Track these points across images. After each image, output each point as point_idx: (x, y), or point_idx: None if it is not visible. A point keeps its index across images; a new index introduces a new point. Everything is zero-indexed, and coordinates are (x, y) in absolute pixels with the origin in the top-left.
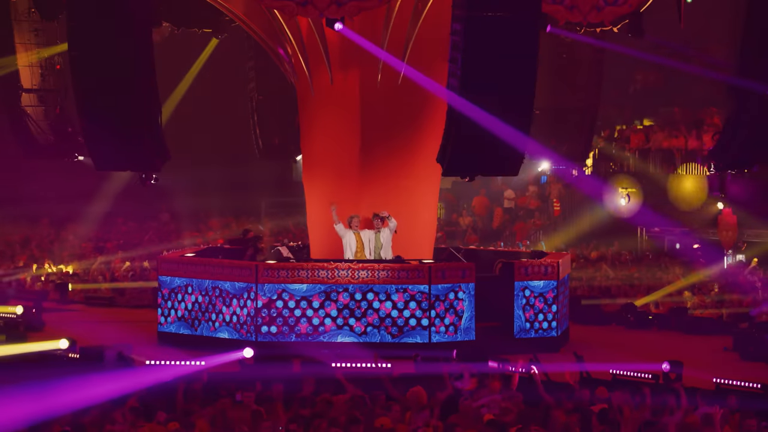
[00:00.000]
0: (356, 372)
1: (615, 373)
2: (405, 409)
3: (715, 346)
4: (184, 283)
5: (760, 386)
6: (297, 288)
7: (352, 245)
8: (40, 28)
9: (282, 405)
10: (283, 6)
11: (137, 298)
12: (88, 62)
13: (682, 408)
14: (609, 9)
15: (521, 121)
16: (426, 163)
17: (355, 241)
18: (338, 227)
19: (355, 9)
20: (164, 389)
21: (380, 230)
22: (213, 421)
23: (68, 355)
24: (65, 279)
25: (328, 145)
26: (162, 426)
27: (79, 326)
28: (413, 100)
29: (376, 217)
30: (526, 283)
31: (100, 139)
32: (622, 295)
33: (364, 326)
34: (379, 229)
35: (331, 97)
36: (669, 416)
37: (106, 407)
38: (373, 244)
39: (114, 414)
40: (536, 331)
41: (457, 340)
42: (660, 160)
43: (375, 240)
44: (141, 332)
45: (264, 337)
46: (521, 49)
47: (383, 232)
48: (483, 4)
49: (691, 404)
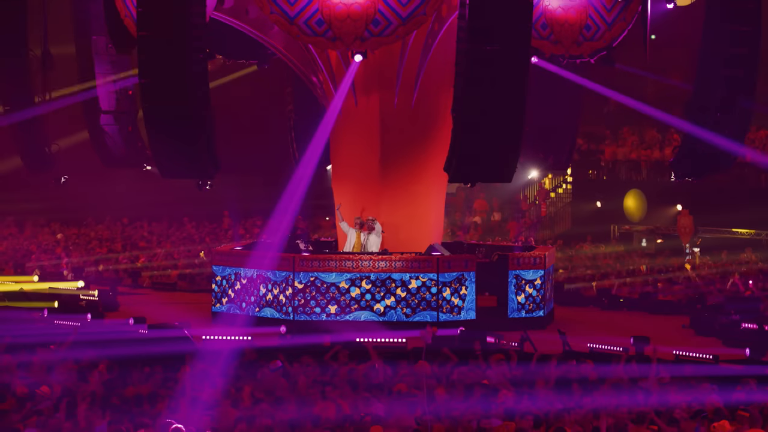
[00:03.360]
0: (376, 345)
1: (591, 346)
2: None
3: (675, 324)
4: (234, 271)
5: (711, 357)
6: (327, 276)
7: (352, 241)
8: (115, 60)
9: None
10: (316, 41)
11: (195, 283)
12: (154, 89)
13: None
14: (587, 44)
15: (514, 137)
16: (435, 172)
17: (356, 238)
18: (342, 225)
19: (376, 44)
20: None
21: (370, 234)
22: (257, 386)
23: (138, 331)
24: (137, 268)
25: (353, 157)
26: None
27: (147, 307)
28: (424, 119)
29: (367, 221)
30: (518, 271)
31: (164, 152)
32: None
33: (383, 307)
34: (370, 232)
35: (356, 117)
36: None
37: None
38: (366, 242)
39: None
40: (526, 311)
41: (461, 319)
42: (627, 169)
43: (367, 239)
44: (198, 312)
45: (299, 316)
46: (514, 77)
47: (372, 236)
48: (482, 40)
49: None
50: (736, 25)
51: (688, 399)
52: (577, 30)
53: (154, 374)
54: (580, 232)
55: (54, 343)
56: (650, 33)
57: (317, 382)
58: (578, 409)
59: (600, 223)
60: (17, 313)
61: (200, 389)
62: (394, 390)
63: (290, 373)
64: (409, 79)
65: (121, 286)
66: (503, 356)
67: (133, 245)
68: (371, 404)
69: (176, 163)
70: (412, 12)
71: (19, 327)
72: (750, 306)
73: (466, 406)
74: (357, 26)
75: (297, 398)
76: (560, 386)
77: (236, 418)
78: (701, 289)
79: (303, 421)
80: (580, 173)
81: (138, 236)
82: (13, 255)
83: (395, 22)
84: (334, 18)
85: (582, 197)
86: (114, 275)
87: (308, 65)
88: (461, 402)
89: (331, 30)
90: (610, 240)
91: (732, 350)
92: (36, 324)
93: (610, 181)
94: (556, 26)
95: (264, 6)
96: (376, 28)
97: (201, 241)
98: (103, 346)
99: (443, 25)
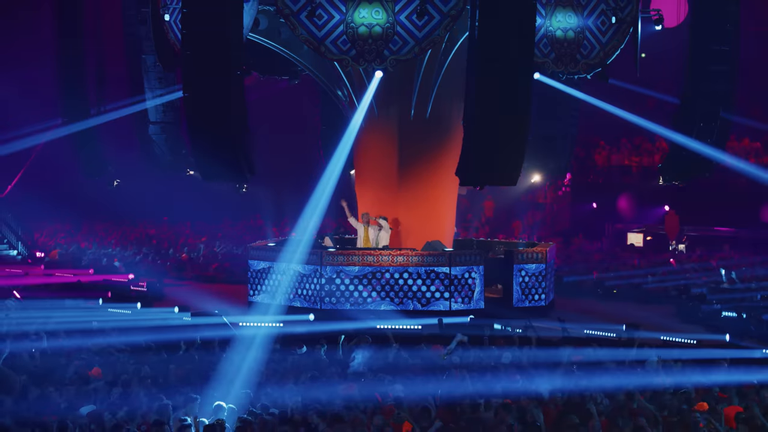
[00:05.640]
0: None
1: (588, 332)
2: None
3: (662, 313)
4: (267, 265)
5: (694, 342)
6: (350, 269)
7: (361, 235)
8: (162, 76)
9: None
10: (341, 59)
11: (233, 276)
12: (197, 102)
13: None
14: (584, 62)
15: (519, 144)
16: (447, 176)
17: (364, 232)
18: (351, 220)
19: (394, 62)
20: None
21: (380, 229)
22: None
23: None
24: (181, 261)
25: (374, 162)
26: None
27: (190, 297)
28: (438, 129)
29: (373, 219)
30: (522, 265)
31: (205, 158)
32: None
33: (401, 298)
34: (380, 229)
35: (377, 127)
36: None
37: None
38: (374, 237)
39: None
40: (530, 301)
41: (471, 308)
42: (620, 173)
43: (376, 235)
44: (236, 301)
45: (326, 305)
46: (518, 91)
47: (382, 232)
48: (490, 58)
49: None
50: (718, 45)
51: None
52: (575, 50)
53: (196, 357)
54: (577, 230)
55: (108, 329)
56: (640, 52)
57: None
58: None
59: (595, 221)
60: (75, 302)
61: (238, 371)
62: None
63: (316, 357)
64: (425, 92)
65: (166, 278)
66: (509, 341)
67: (178, 241)
68: (390, 385)
69: (216, 168)
70: (427, 33)
71: (77, 314)
72: (730, 296)
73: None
74: (378, 46)
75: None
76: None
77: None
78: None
79: (331, 399)
80: (578, 177)
81: (182, 233)
82: (71, 251)
83: (412, 42)
84: (357, 38)
85: (580, 198)
86: (160, 268)
87: (334, 81)
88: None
89: (355, 49)
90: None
91: (714, 336)
92: (92, 312)
93: (605, 184)
94: (556, 46)
95: (295, 28)
96: (395, 48)
97: (238, 239)
98: (151, 332)
99: (455, 44)
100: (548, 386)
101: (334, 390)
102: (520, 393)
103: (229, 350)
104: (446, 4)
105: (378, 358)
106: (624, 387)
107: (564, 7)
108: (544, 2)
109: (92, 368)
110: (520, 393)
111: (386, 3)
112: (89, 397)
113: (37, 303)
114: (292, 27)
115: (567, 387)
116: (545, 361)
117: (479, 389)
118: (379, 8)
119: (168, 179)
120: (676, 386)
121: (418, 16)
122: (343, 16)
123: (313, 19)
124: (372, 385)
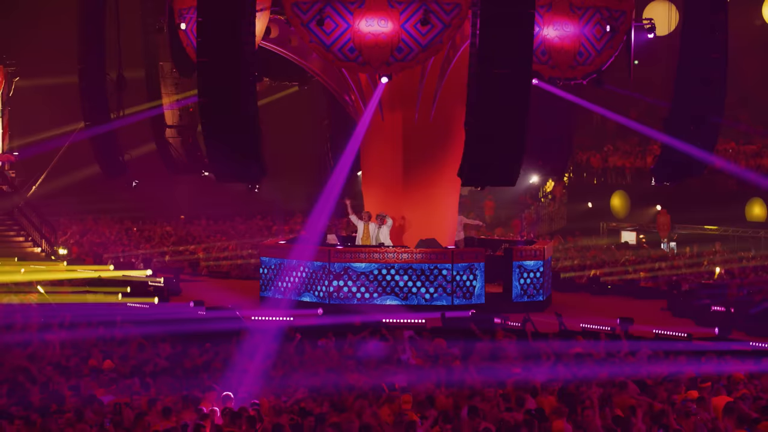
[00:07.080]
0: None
1: (583, 326)
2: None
3: (655, 307)
4: (278, 261)
5: (686, 335)
6: (358, 266)
7: (360, 232)
8: (178, 82)
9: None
10: (348, 66)
11: (246, 272)
12: (211, 106)
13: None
14: (580, 68)
15: (518, 147)
16: (449, 177)
17: (364, 230)
18: (352, 218)
19: (399, 68)
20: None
21: (382, 226)
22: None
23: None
24: (196, 258)
25: (380, 164)
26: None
27: (204, 292)
28: (441, 132)
29: (378, 217)
30: (521, 262)
31: (219, 160)
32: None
33: (405, 293)
34: (381, 225)
35: (382, 130)
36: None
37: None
38: (375, 235)
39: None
40: (528, 296)
41: (472, 303)
42: (614, 174)
43: (377, 232)
44: (248, 296)
45: (334, 300)
46: (517, 96)
47: (383, 228)
48: (490, 64)
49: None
50: (708, 52)
51: (665, 370)
52: (572, 56)
53: (210, 349)
54: (574, 228)
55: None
56: (634, 58)
57: (349, 357)
58: (572, 379)
59: (591, 220)
60: (96, 296)
61: (250, 362)
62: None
63: (326, 349)
64: (428, 97)
65: (182, 274)
66: (508, 334)
67: (193, 239)
68: (395, 375)
69: (229, 169)
70: (430, 41)
71: (97, 308)
72: (718, 291)
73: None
74: (383, 53)
75: (333, 370)
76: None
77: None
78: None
79: (339, 388)
80: (575, 178)
81: (197, 232)
82: (92, 248)
83: (416, 49)
84: (363, 46)
85: (576, 198)
86: (177, 265)
87: (342, 86)
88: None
89: (362, 56)
90: (600, 235)
91: (703, 329)
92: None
93: (600, 185)
94: (553, 53)
95: (304, 36)
96: (400, 54)
97: (251, 237)
98: (168, 324)
99: (457, 51)
100: (545, 377)
101: (342, 379)
102: (519, 382)
103: (242, 342)
104: (448, 14)
105: (382, 350)
106: (617, 377)
107: (561, 17)
108: (542, 12)
109: (108, 360)
110: (518, 382)
111: (392, 12)
112: (108, 386)
113: (59, 297)
114: (301, 35)
115: (563, 377)
116: (543, 353)
117: (481, 379)
118: (385, 17)
119: (184, 180)
120: (667, 376)
121: (422, 24)
122: (351, 25)
123: (322, 27)
124: (378, 375)
